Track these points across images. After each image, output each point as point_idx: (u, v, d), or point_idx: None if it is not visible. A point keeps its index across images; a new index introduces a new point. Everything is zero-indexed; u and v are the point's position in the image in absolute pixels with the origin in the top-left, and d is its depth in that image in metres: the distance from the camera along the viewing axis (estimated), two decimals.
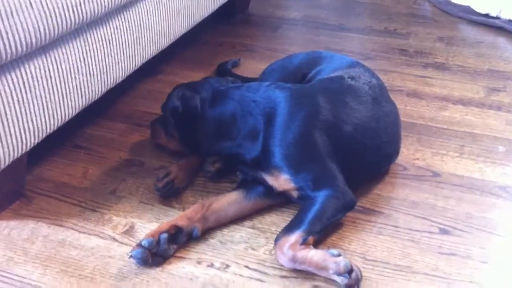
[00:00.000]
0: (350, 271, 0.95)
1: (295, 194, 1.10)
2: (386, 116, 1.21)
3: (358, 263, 1.02)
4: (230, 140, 1.15)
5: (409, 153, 1.33)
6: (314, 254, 0.98)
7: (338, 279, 0.96)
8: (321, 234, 1.05)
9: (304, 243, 1.00)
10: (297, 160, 1.09)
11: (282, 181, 1.10)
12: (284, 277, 1.00)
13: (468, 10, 2.15)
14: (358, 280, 0.95)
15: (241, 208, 1.12)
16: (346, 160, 1.12)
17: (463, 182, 1.24)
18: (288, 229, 1.03)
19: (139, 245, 1.00)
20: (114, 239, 1.08)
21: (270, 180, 1.11)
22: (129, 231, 1.10)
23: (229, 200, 1.12)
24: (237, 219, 1.12)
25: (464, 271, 1.01)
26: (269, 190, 1.13)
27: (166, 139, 1.30)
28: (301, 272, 1.00)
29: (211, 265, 1.02)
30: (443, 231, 1.10)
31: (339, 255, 0.97)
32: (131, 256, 1.00)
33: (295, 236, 1.00)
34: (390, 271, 1.01)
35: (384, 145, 1.20)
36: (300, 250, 0.99)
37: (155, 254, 1.01)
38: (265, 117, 1.12)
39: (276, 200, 1.15)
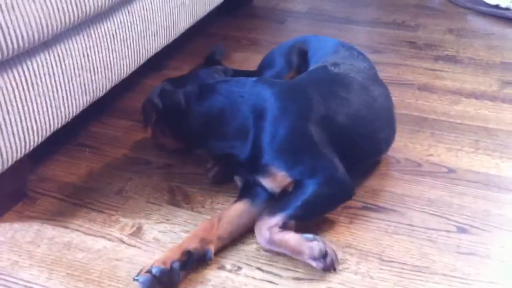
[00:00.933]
0: (325, 255, 0.94)
1: (291, 188, 1.04)
2: (376, 99, 1.18)
3: (374, 263, 0.99)
4: (220, 138, 1.11)
5: (422, 149, 1.30)
6: (290, 238, 0.96)
7: (313, 263, 0.95)
8: (305, 221, 1.02)
9: (284, 226, 0.97)
10: (291, 155, 1.05)
11: (279, 178, 1.05)
12: (298, 279, 0.96)
13: (477, 1, 2.12)
14: (333, 264, 0.94)
15: (251, 218, 1.05)
16: (342, 150, 1.08)
17: (479, 178, 1.20)
18: (272, 212, 0.99)
19: (149, 271, 0.92)
20: (122, 241, 1.05)
21: (267, 182, 1.07)
22: (137, 232, 1.07)
23: (237, 212, 1.05)
24: (249, 230, 1.05)
25: (484, 271, 0.98)
26: (273, 194, 1.08)
27: (162, 137, 1.26)
28: (315, 274, 0.97)
29: (222, 267, 0.99)
30: (461, 230, 1.07)
31: (314, 239, 0.95)
32: (137, 281, 0.92)
33: (276, 220, 0.98)
34: (408, 272, 0.97)
35: (379, 130, 1.17)
36: (277, 233, 0.97)
37: (163, 283, 0.92)
38: (254, 114, 1.08)
39: None
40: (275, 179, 1.05)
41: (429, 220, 1.09)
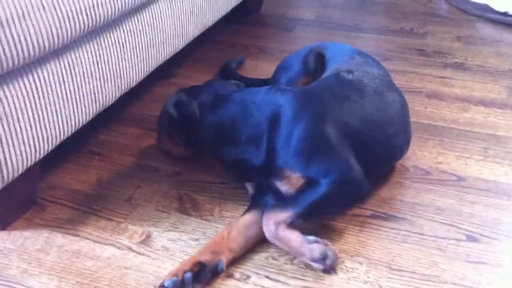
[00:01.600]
0: (325, 257, 0.96)
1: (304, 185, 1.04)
2: (390, 106, 1.18)
3: (383, 272, 0.98)
4: (233, 144, 1.11)
5: (431, 156, 1.30)
6: (294, 239, 0.98)
7: (314, 265, 0.97)
8: (313, 220, 1.06)
9: (292, 224, 0.98)
10: (305, 156, 1.05)
11: (294, 180, 1.05)
12: (307, 287, 0.96)
13: (485, 8, 2.11)
14: (332, 266, 0.98)
15: (261, 228, 1.03)
16: (356, 155, 1.07)
17: (489, 186, 1.20)
18: (283, 205, 1.01)
19: (162, 286, 0.92)
20: (131, 249, 1.05)
21: (282, 184, 1.07)
22: (146, 240, 1.07)
23: (246, 223, 1.05)
24: (260, 241, 1.04)
25: (494, 280, 0.97)
26: None
27: (170, 144, 1.27)
28: (324, 282, 0.97)
29: (231, 276, 0.99)
30: (471, 238, 1.06)
31: (315, 241, 0.97)
32: None
33: (285, 216, 0.98)
34: (417, 281, 0.97)
35: (393, 136, 1.17)
36: (283, 230, 0.98)
37: None
38: (267, 120, 1.09)
39: None
40: (290, 181, 1.05)
41: (438, 228, 1.09)
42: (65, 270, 1.00)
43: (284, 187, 1.07)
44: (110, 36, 1.18)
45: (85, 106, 1.14)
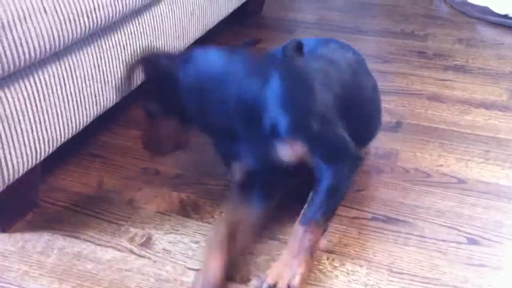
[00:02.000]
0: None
1: (309, 160, 1.02)
2: (362, 85, 1.22)
3: (384, 275, 0.98)
4: (220, 109, 1.02)
5: (432, 159, 1.30)
6: (302, 265, 0.96)
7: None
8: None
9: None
10: (308, 123, 1.01)
11: (297, 148, 1.00)
12: None
13: (486, 10, 2.11)
14: None
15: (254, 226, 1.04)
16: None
17: (489, 189, 1.20)
18: (316, 221, 0.99)
19: None
20: (132, 252, 1.05)
21: (283, 149, 1.01)
22: (147, 242, 1.07)
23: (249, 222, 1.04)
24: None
25: (495, 282, 0.97)
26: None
27: (153, 124, 1.13)
28: (324, 284, 0.96)
29: (231, 279, 0.98)
30: (471, 241, 1.06)
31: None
32: None
33: (322, 230, 0.99)
34: (418, 284, 0.97)
35: (369, 114, 1.22)
36: (309, 249, 0.97)
37: None
38: (260, 85, 1.01)
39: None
40: (292, 148, 1.01)
41: (439, 231, 1.09)
42: (65, 272, 1.00)
43: (285, 151, 1.01)
44: (111, 39, 1.19)
45: (86, 108, 1.14)
